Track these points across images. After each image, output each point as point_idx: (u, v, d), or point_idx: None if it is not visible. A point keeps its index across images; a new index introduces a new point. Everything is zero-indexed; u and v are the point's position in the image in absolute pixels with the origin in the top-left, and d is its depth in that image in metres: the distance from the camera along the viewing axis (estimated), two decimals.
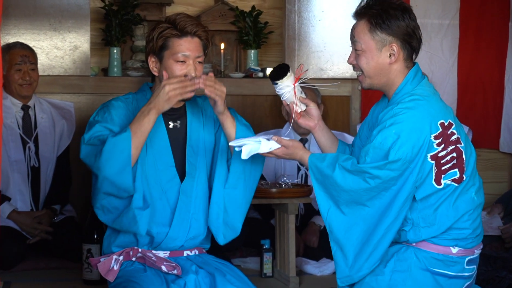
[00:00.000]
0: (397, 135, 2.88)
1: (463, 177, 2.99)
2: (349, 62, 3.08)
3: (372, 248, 2.97)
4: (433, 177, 2.95)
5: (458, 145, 2.98)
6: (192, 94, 3.14)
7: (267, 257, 4.30)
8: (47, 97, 4.77)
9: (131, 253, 3.22)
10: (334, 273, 4.38)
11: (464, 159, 2.99)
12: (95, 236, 3.95)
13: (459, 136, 2.99)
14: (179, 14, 3.24)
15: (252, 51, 5.26)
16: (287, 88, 3.12)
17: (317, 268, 4.43)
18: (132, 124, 3.10)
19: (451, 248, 3.00)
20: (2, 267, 4.21)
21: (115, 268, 3.15)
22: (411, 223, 3.00)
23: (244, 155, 3.04)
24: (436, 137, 2.93)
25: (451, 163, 2.96)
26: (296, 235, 4.25)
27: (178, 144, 3.28)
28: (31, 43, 4.72)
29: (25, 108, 4.54)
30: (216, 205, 3.28)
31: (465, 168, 2.99)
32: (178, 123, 3.30)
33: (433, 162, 2.94)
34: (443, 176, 2.96)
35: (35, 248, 4.41)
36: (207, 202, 3.30)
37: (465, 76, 5.39)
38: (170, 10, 5.15)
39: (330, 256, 4.52)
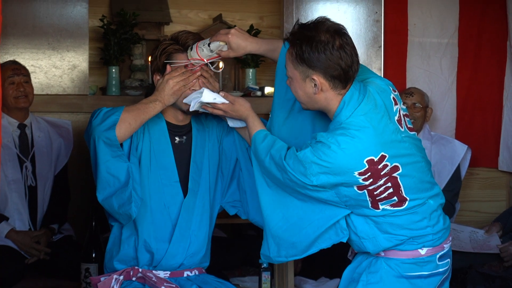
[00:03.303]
0: (316, 164, 2.82)
1: (403, 203, 2.91)
2: (287, 83, 3.00)
3: (289, 240, 2.99)
4: (369, 204, 2.90)
5: (394, 174, 2.87)
6: (195, 85, 3.19)
7: (266, 276, 4.28)
8: (45, 116, 4.76)
9: (131, 273, 3.21)
10: None
11: (401, 185, 2.89)
12: (94, 255, 3.93)
13: (396, 164, 2.87)
14: (181, 31, 3.30)
15: (250, 70, 5.25)
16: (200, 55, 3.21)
17: (315, 287, 4.42)
18: (132, 105, 3.12)
19: (419, 250, 2.97)
20: (0, 286, 4.19)
21: (115, 287, 3.14)
22: (365, 235, 2.97)
23: (192, 107, 3.14)
24: (360, 174, 2.83)
25: (387, 193, 2.88)
26: None
27: (183, 160, 3.29)
28: (29, 62, 4.72)
29: (21, 127, 4.52)
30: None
31: (403, 195, 2.90)
32: (183, 139, 3.31)
33: (362, 191, 2.87)
34: (380, 203, 2.90)
35: (33, 267, 4.39)
36: (208, 219, 3.31)
37: (464, 95, 5.39)
38: (168, 29, 5.15)
39: (328, 275, 4.52)
